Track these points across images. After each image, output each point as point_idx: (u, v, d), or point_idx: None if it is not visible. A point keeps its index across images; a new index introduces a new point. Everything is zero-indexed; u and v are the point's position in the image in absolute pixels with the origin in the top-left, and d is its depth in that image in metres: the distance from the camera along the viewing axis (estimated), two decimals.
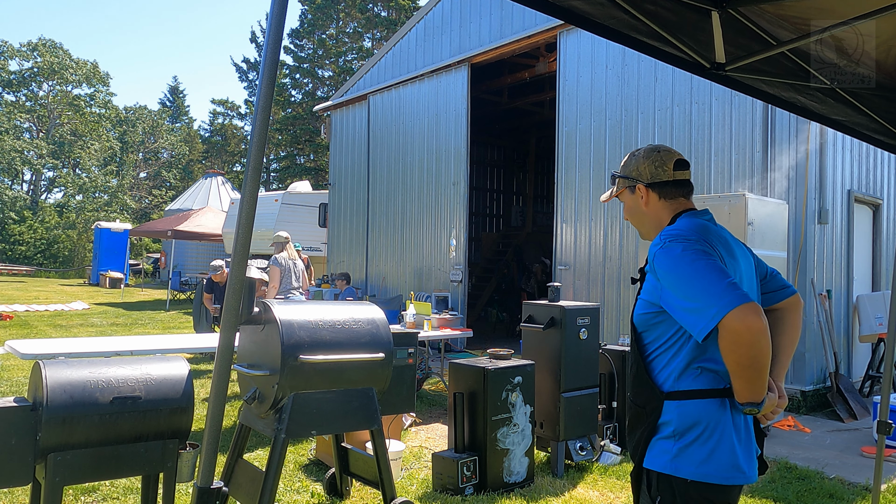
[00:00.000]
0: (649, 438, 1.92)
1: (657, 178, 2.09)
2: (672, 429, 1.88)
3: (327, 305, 3.93)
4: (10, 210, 38.39)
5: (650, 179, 2.10)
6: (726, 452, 1.85)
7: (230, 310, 1.66)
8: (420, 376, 8.16)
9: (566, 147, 9.98)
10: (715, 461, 1.84)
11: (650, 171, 2.10)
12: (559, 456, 5.18)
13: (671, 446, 1.88)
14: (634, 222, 2.19)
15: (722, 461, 1.84)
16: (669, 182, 2.09)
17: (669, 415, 1.89)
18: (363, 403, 3.81)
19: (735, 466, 1.85)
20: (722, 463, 1.84)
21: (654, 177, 2.09)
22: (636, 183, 2.12)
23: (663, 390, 1.91)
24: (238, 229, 1.65)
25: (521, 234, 16.92)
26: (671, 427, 1.88)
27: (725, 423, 1.86)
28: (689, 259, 1.82)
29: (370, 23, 35.09)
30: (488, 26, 11.11)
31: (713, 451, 1.84)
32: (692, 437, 1.86)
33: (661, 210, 2.10)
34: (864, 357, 8.55)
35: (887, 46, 2.66)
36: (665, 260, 1.87)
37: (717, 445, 1.85)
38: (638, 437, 1.96)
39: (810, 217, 7.51)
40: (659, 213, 2.10)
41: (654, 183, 2.09)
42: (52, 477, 2.87)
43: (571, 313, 5.24)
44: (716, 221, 2.13)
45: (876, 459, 3.44)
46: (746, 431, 1.91)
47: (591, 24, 2.36)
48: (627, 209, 2.19)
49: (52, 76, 42.58)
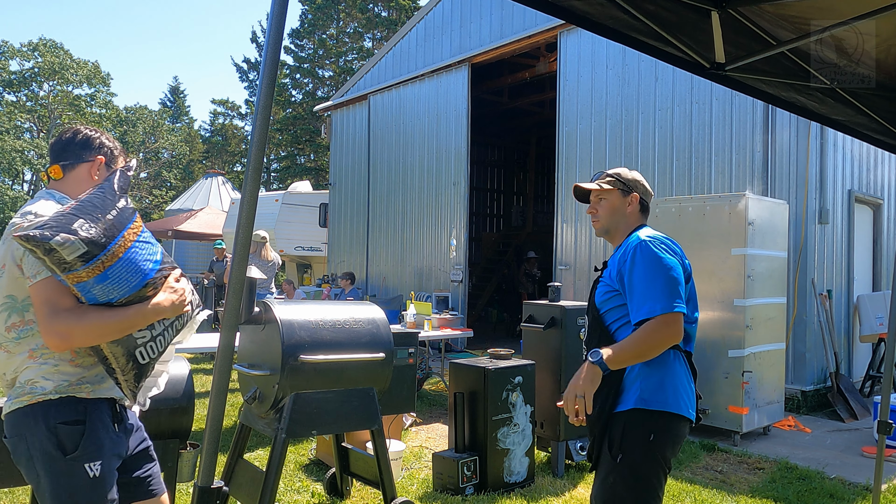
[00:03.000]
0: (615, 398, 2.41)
1: (646, 197, 2.68)
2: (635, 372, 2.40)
3: (328, 305, 3.93)
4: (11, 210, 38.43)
5: (642, 195, 2.66)
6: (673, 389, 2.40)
7: (230, 310, 1.66)
8: (420, 376, 8.16)
9: (566, 147, 9.98)
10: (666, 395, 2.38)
11: (643, 190, 2.67)
12: (559, 456, 5.18)
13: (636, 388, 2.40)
14: (607, 220, 2.64)
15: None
16: (647, 204, 2.69)
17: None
18: (363, 403, 3.81)
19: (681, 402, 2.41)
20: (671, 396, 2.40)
21: (644, 195, 2.67)
22: (633, 191, 2.63)
23: None
24: (238, 229, 1.66)
25: (521, 234, 16.92)
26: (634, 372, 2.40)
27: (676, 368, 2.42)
28: (667, 264, 2.37)
29: (371, 23, 35.11)
30: (489, 26, 11.11)
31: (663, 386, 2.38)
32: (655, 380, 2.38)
33: (635, 220, 2.63)
34: (864, 357, 8.55)
35: (887, 46, 2.66)
36: (647, 253, 2.39)
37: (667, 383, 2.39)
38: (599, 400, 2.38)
39: (811, 217, 7.51)
40: (633, 220, 2.63)
41: (643, 199, 2.66)
42: None
43: (572, 313, 5.24)
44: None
45: (876, 459, 3.44)
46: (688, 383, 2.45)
47: (591, 24, 2.37)
48: (608, 206, 2.63)
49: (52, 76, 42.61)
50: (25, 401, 2.04)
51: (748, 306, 6.15)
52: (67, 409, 2.06)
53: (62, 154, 2.30)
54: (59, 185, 2.28)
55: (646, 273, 2.34)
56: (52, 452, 2.02)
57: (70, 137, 2.32)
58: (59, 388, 2.06)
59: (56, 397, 2.06)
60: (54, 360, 2.08)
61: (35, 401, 2.04)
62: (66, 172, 2.28)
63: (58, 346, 2.01)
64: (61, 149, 2.31)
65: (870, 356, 8.39)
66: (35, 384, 2.05)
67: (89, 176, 2.31)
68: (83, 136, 2.32)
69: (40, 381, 2.05)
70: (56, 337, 1.98)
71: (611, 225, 2.62)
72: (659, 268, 2.34)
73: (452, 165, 11.90)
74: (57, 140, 2.33)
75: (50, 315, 1.98)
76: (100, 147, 2.34)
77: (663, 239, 2.47)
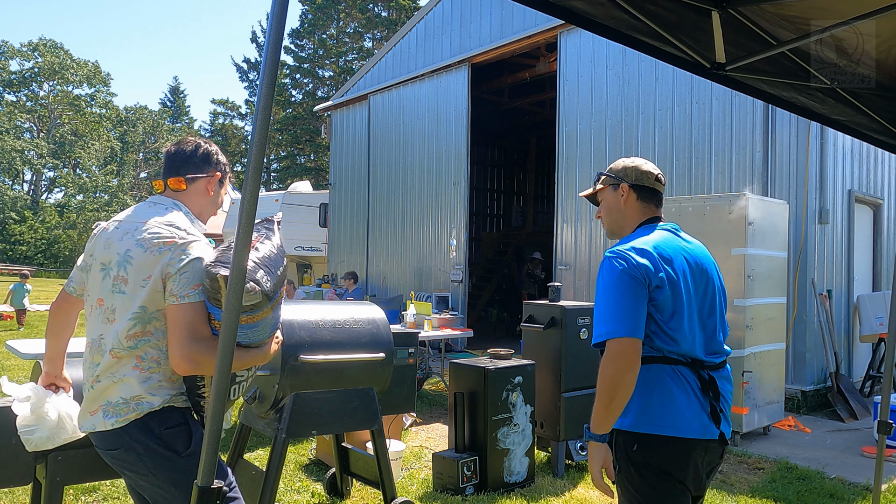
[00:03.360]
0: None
1: (640, 181, 2.37)
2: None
3: (328, 305, 3.93)
4: (11, 210, 38.44)
5: (634, 181, 2.37)
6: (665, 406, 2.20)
7: (230, 310, 1.66)
8: (420, 376, 8.16)
9: (566, 147, 9.98)
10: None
11: (636, 174, 2.38)
12: (559, 456, 5.18)
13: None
14: (607, 220, 2.44)
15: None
16: (648, 188, 2.38)
17: None
18: (363, 403, 3.81)
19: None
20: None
21: (637, 179, 2.37)
22: (621, 182, 2.38)
23: None
24: (238, 229, 1.65)
25: (521, 234, 16.92)
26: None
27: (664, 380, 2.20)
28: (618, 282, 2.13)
29: (370, 23, 35.11)
30: (489, 26, 11.11)
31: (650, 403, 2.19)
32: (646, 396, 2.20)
33: (635, 211, 2.38)
34: (864, 357, 8.55)
35: (887, 46, 2.65)
36: (604, 271, 2.19)
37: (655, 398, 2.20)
38: None
39: (811, 217, 7.51)
40: (633, 213, 2.38)
41: (636, 185, 2.37)
42: (53, 477, 2.87)
43: (572, 313, 5.24)
44: (683, 236, 2.39)
45: (876, 459, 3.44)
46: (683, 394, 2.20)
47: (592, 24, 2.36)
48: (605, 206, 2.44)
49: (52, 76, 42.62)
50: (133, 417, 2.09)
51: (748, 306, 6.15)
52: (169, 416, 2.14)
53: (184, 166, 2.32)
54: (178, 196, 2.31)
55: (601, 292, 2.17)
56: (168, 455, 2.10)
57: (192, 150, 2.34)
58: (162, 402, 2.14)
59: (159, 408, 2.13)
60: (158, 375, 2.14)
61: (142, 415, 2.10)
62: (188, 185, 2.31)
63: (185, 369, 2.07)
64: (183, 160, 2.33)
65: (870, 356, 8.39)
66: (142, 400, 2.10)
67: (206, 191, 2.35)
68: (204, 150, 2.35)
69: (147, 398, 2.11)
70: (188, 362, 2.04)
71: (613, 225, 2.42)
72: (611, 287, 2.14)
73: (452, 165, 11.90)
74: (178, 150, 2.35)
75: (189, 339, 2.04)
76: (217, 163, 2.38)
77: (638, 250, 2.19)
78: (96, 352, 2.17)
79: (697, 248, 2.37)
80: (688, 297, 2.23)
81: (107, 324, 2.15)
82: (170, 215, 2.21)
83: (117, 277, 2.14)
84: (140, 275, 2.11)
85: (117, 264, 2.15)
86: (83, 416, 2.18)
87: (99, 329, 2.18)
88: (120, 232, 2.20)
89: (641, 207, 2.37)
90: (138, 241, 2.14)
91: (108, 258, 2.20)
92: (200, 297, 2.08)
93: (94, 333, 2.19)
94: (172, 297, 2.07)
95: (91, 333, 2.21)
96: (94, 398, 2.15)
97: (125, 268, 2.13)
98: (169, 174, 2.33)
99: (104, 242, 2.24)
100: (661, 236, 2.28)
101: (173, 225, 2.16)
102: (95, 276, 2.23)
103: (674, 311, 2.18)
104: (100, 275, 2.21)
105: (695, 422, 2.16)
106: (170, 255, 2.10)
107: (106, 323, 2.15)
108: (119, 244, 2.17)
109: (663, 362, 2.18)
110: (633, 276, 2.13)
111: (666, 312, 2.17)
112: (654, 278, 2.15)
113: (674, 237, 2.33)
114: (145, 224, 2.16)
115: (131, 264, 2.12)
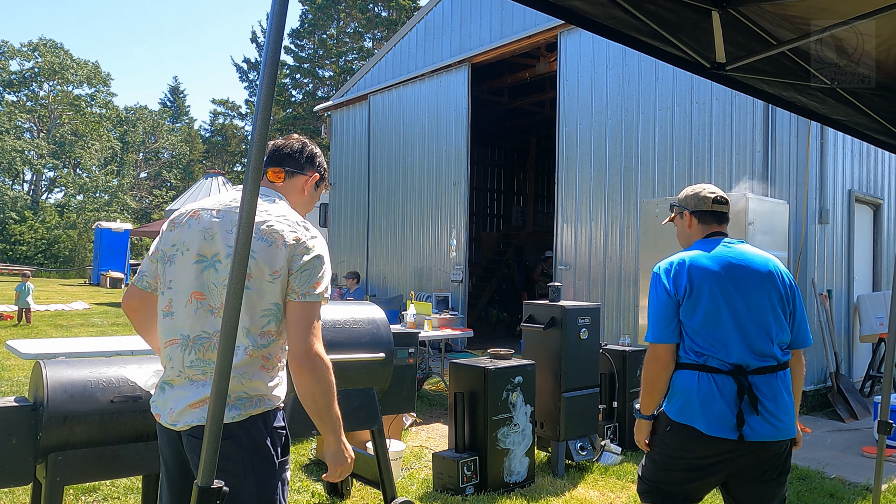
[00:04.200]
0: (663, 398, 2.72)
1: (701, 205, 2.81)
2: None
3: (327, 305, 3.93)
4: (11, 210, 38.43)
5: (693, 208, 2.82)
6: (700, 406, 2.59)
7: (230, 309, 1.66)
8: (421, 376, 8.17)
9: (567, 147, 9.98)
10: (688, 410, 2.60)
11: (695, 202, 2.82)
12: (560, 456, 5.18)
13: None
14: (681, 241, 2.90)
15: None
16: (707, 212, 2.80)
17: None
18: (364, 403, 3.81)
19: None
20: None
21: (696, 206, 2.81)
22: (684, 210, 2.85)
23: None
24: (239, 229, 1.65)
25: (521, 234, 16.92)
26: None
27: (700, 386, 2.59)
28: (655, 291, 2.65)
29: (371, 23, 35.11)
30: (489, 26, 11.11)
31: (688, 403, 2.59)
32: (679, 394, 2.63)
33: (697, 232, 2.82)
34: (864, 357, 8.55)
35: (887, 46, 2.65)
36: (652, 282, 2.69)
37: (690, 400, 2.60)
38: None
39: (811, 217, 7.51)
40: (695, 233, 2.82)
41: (696, 211, 2.81)
42: (53, 477, 2.87)
43: (572, 313, 5.24)
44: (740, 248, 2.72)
45: (876, 459, 3.44)
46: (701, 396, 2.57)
47: (592, 24, 2.36)
48: (677, 230, 2.91)
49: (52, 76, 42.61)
50: (254, 413, 2.06)
51: None
52: (277, 416, 2.14)
53: (286, 160, 2.30)
54: (277, 188, 2.27)
55: (649, 303, 2.68)
56: (268, 455, 2.07)
57: (300, 148, 2.32)
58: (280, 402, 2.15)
59: (272, 408, 2.12)
60: (282, 374, 2.15)
61: (262, 412, 2.08)
62: (286, 179, 2.29)
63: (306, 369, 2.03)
64: (287, 155, 2.31)
65: (870, 356, 8.39)
66: (265, 398, 2.08)
67: (302, 190, 2.32)
68: (310, 151, 2.34)
69: (269, 396, 2.09)
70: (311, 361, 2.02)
71: (685, 245, 2.86)
72: (651, 300, 2.66)
73: (452, 165, 11.90)
74: (285, 145, 2.33)
75: (314, 338, 2.03)
76: (318, 166, 2.36)
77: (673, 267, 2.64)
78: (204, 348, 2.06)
79: (751, 257, 2.67)
80: (726, 303, 2.56)
81: (217, 318, 2.04)
82: (280, 206, 2.16)
83: None
84: (266, 269, 2.03)
85: (229, 257, 2.02)
86: (183, 412, 2.05)
87: (204, 324, 2.06)
88: (226, 223, 2.10)
89: (702, 228, 2.81)
90: (259, 234, 2.04)
91: (210, 250, 2.09)
92: (320, 298, 2.05)
93: (197, 329, 2.07)
94: (294, 294, 2.04)
95: (188, 329, 2.07)
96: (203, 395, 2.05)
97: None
98: (270, 164, 2.29)
99: (201, 232, 2.11)
100: (708, 249, 2.69)
101: (290, 219, 2.11)
102: (187, 268, 2.10)
103: (704, 317, 2.55)
104: (195, 267, 2.09)
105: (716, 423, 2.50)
106: (294, 251, 2.05)
107: (216, 317, 2.05)
108: (229, 237, 2.07)
109: (701, 370, 2.55)
110: (664, 289, 2.61)
111: (696, 319, 2.55)
112: (681, 290, 2.58)
113: (726, 248, 2.69)
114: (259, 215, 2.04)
115: (254, 258, 2.01)
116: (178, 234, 2.16)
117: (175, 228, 2.18)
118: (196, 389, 2.05)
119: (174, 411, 2.06)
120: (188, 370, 2.07)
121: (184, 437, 2.07)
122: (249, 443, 2.04)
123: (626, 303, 9.01)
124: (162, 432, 2.16)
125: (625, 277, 9.05)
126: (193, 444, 2.02)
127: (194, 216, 2.16)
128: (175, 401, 2.07)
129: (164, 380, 2.14)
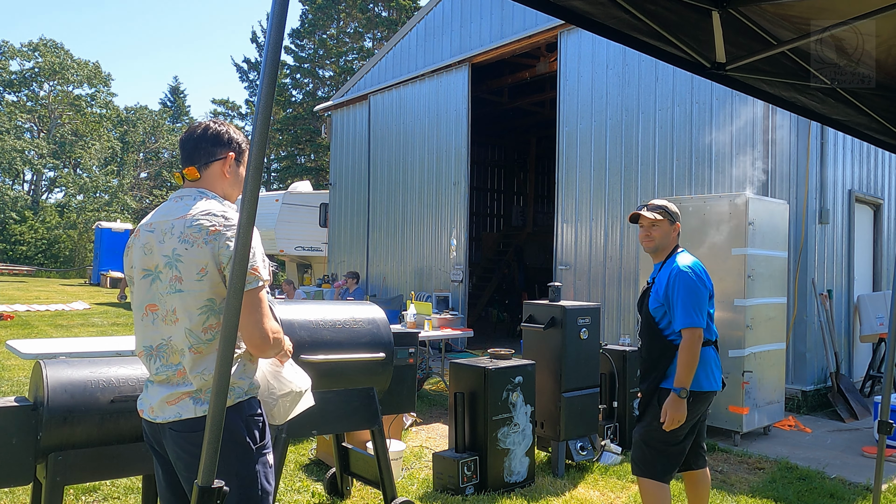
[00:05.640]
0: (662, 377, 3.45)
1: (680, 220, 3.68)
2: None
3: (328, 305, 3.93)
4: (11, 210, 38.40)
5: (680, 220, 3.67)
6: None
7: (231, 309, 1.66)
8: (421, 376, 8.16)
9: (567, 147, 9.98)
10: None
11: (678, 217, 3.66)
12: (560, 456, 5.18)
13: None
14: (660, 242, 3.57)
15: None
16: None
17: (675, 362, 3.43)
18: (364, 403, 3.81)
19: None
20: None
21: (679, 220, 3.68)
22: (676, 221, 3.61)
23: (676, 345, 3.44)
24: (238, 229, 1.66)
25: (521, 234, 16.92)
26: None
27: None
28: (695, 287, 3.40)
29: (371, 23, 35.10)
30: (489, 26, 11.11)
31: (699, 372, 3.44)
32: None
33: (674, 241, 3.62)
34: (864, 357, 8.55)
35: (887, 46, 2.65)
36: (685, 278, 3.41)
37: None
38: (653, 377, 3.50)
39: (811, 217, 7.51)
40: (673, 242, 3.62)
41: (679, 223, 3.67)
42: (53, 476, 2.87)
43: (572, 313, 5.24)
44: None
45: (877, 459, 3.44)
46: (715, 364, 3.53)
47: (592, 24, 2.36)
48: (660, 232, 3.56)
49: (53, 76, 42.59)
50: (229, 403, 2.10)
51: (748, 306, 6.15)
52: (252, 404, 2.21)
53: (194, 153, 2.29)
54: (199, 184, 2.28)
55: (684, 296, 3.36)
56: (245, 443, 2.14)
57: (201, 134, 2.30)
58: (248, 390, 2.20)
59: (246, 398, 2.18)
60: (241, 360, 2.18)
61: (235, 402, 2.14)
62: (201, 173, 2.28)
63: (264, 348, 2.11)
64: (193, 147, 2.29)
65: (870, 356, 8.39)
66: (234, 386, 2.13)
67: (223, 173, 2.31)
68: (213, 131, 2.30)
69: (237, 383, 2.15)
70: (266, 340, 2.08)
71: (661, 246, 3.57)
72: (691, 292, 3.37)
73: (452, 165, 11.90)
74: (187, 137, 2.32)
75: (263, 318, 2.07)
76: (229, 142, 2.32)
77: (696, 268, 3.46)
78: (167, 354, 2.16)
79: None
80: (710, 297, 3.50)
81: (171, 325, 2.14)
82: (200, 204, 2.18)
83: (173, 278, 2.11)
84: (193, 270, 2.09)
85: (167, 265, 2.12)
86: (160, 407, 2.15)
87: (161, 333, 2.16)
88: (158, 234, 2.17)
89: (676, 239, 3.64)
90: (181, 238, 2.11)
91: (151, 263, 2.18)
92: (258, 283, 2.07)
93: (156, 339, 2.18)
94: None
95: (149, 340, 2.19)
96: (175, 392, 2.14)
97: (176, 267, 2.11)
98: (183, 164, 2.30)
99: (141, 249, 2.21)
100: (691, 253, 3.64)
101: (209, 213, 2.13)
102: (140, 285, 2.21)
103: (711, 307, 3.49)
104: (144, 282, 2.19)
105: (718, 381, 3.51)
106: (217, 245, 2.09)
107: (170, 325, 2.14)
108: (161, 247, 2.15)
109: (710, 345, 3.48)
110: (703, 284, 3.42)
111: (713, 306, 3.50)
112: (709, 284, 3.49)
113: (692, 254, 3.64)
114: (181, 220, 2.13)
115: (182, 262, 2.10)
116: (129, 256, 2.29)
117: (128, 252, 2.31)
118: (171, 388, 2.16)
119: (154, 408, 2.19)
120: (157, 377, 2.20)
121: (165, 430, 2.17)
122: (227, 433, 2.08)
123: (626, 303, 9.01)
124: (146, 426, 2.28)
125: (625, 277, 9.05)
126: (173, 436, 2.14)
127: (136, 234, 2.28)
128: (153, 398, 2.20)
129: (147, 379, 2.28)
